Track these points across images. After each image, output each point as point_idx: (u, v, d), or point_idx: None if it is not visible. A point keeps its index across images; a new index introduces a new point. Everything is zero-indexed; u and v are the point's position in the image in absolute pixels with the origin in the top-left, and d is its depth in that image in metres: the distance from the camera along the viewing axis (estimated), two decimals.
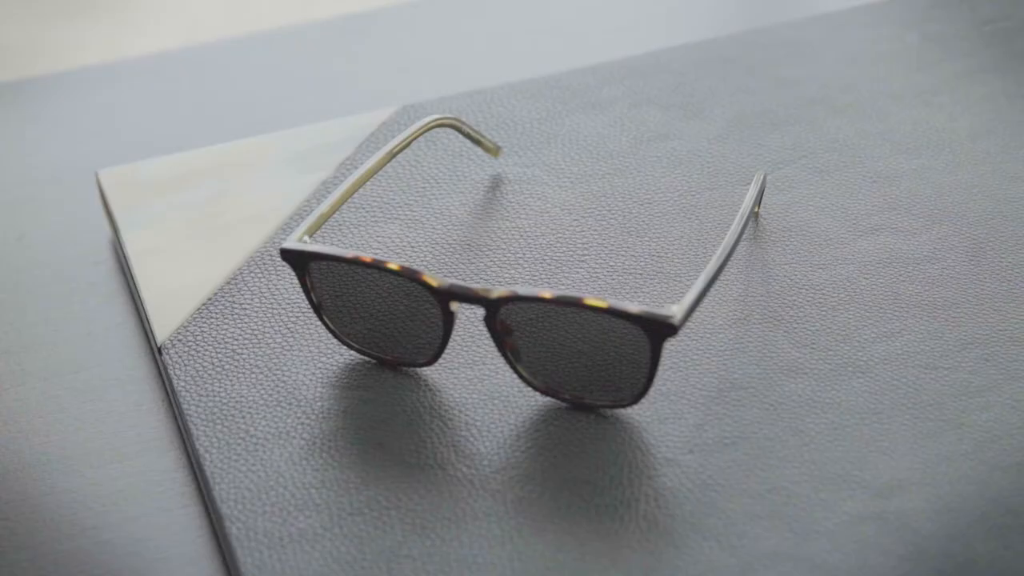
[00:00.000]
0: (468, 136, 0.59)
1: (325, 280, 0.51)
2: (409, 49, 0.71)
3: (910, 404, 0.49)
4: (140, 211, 0.59)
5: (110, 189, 0.60)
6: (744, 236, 0.56)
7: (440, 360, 0.51)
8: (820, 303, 0.53)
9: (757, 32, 0.66)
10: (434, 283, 0.48)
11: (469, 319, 0.52)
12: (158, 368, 0.55)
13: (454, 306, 0.49)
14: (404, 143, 0.56)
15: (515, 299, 0.48)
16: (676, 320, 0.47)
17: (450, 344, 0.51)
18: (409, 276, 0.49)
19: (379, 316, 0.50)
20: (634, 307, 0.47)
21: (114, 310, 0.57)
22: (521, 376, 0.49)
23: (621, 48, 0.70)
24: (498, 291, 0.48)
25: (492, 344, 0.52)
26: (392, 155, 0.55)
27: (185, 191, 0.60)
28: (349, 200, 0.58)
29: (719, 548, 0.45)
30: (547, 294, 0.47)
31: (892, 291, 0.53)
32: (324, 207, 0.52)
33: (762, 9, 0.71)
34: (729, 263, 0.55)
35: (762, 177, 0.55)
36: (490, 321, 0.48)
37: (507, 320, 0.48)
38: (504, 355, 0.49)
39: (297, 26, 0.72)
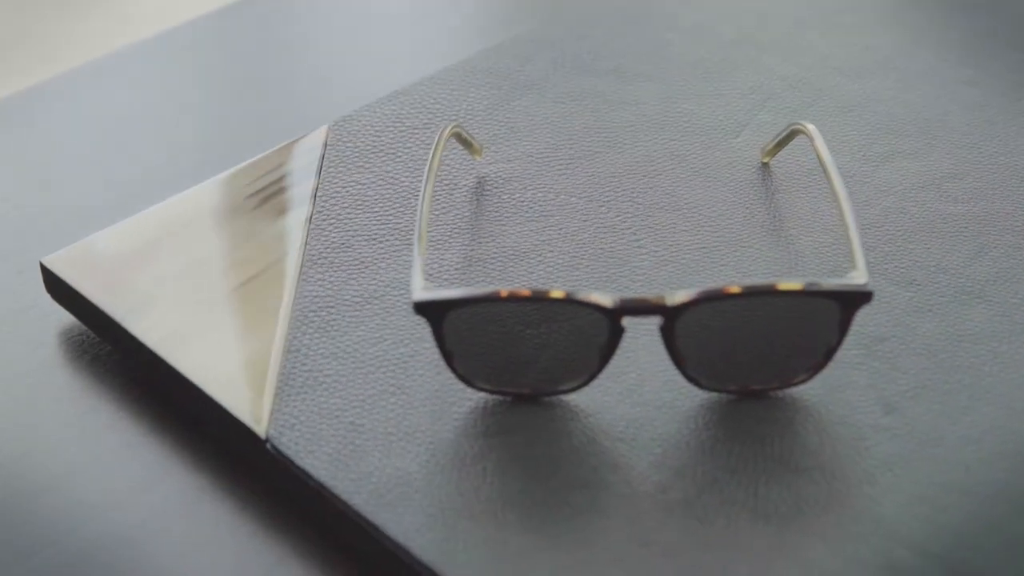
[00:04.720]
0: (463, 141, 0.55)
1: (462, 324, 0.46)
2: (268, 57, 0.65)
3: None
4: (126, 294, 0.51)
5: (72, 278, 0.52)
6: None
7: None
8: (891, 239, 0.53)
9: None
10: (607, 302, 0.45)
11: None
12: (247, 465, 0.48)
13: (625, 321, 0.46)
14: (438, 162, 0.51)
15: (700, 300, 0.45)
16: (870, 286, 0.45)
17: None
18: (577, 301, 0.45)
19: (527, 349, 0.46)
20: (828, 283, 0.45)
21: (139, 415, 0.50)
22: (689, 377, 0.47)
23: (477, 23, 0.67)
24: (679, 296, 0.45)
25: (623, 351, 0.49)
26: (435, 178, 0.51)
27: (157, 261, 0.52)
28: (365, 233, 0.53)
29: (978, 502, 0.44)
30: (735, 288, 0.45)
31: (946, 212, 0.54)
32: (423, 249, 0.48)
33: None
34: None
35: (812, 127, 0.53)
36: (667, 330, 0.46)
37: (684, 325, 0.46)
38: (675, 360, 0.46)
39: (119, 51, 0.65)
